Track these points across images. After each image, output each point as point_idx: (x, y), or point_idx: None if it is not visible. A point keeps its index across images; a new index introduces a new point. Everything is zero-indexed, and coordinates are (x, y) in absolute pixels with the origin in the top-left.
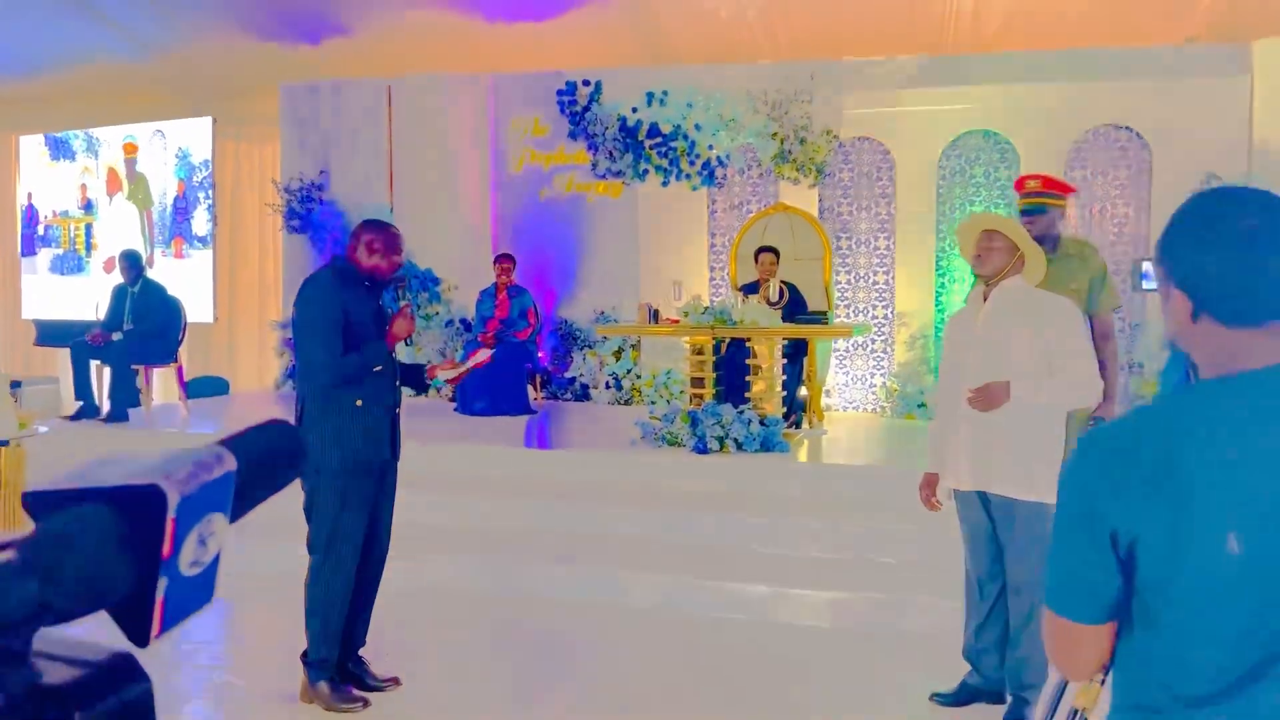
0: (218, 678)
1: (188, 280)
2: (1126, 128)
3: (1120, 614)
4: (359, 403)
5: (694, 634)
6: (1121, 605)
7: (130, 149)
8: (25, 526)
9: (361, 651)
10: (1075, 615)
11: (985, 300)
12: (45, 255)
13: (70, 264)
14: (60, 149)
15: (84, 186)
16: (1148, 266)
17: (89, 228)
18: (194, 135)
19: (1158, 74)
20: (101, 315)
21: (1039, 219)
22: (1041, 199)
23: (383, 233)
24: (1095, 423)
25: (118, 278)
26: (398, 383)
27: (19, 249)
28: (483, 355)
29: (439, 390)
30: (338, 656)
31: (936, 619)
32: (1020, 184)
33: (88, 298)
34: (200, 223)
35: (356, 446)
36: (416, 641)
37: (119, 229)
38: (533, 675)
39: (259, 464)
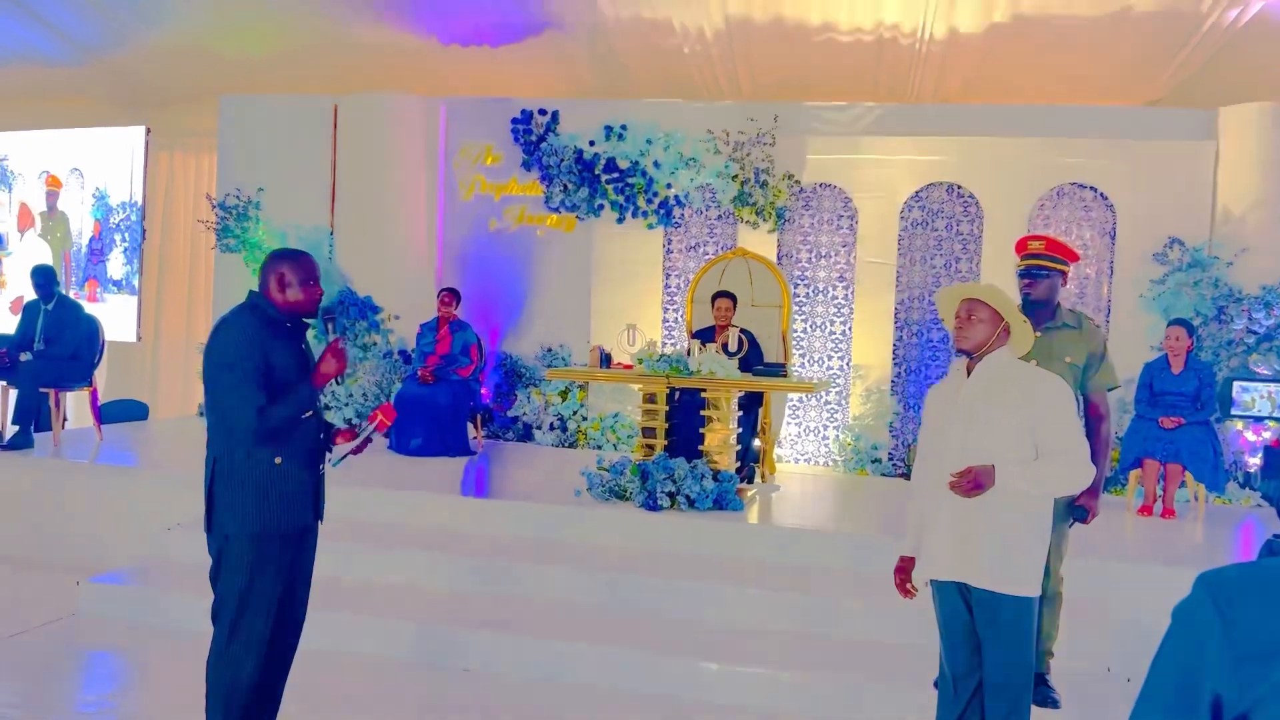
0: None
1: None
2: (1091, 187)
3: None
4: (278, 461)
5: (637, 716)
6: None
7: (54, 182)
8: None
9: None
10: None
11: (969, 374)
12: None
13: None
14: None
15: None
16: (1238, 389)
17: None
18: (113, 174)
19: (1123, 135)
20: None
21: (1039, 283)
22: (1043, 261)
23: (294, 262)
24: (1077, 510)
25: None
26: (322, 435)
27: None
28: (379, 417)
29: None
30: None
31: (902, 711)
32: (1022, 244)
33: None
34: (116, 266)
35: (274, 512)
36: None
37: (29, 267)
38: None
39: None
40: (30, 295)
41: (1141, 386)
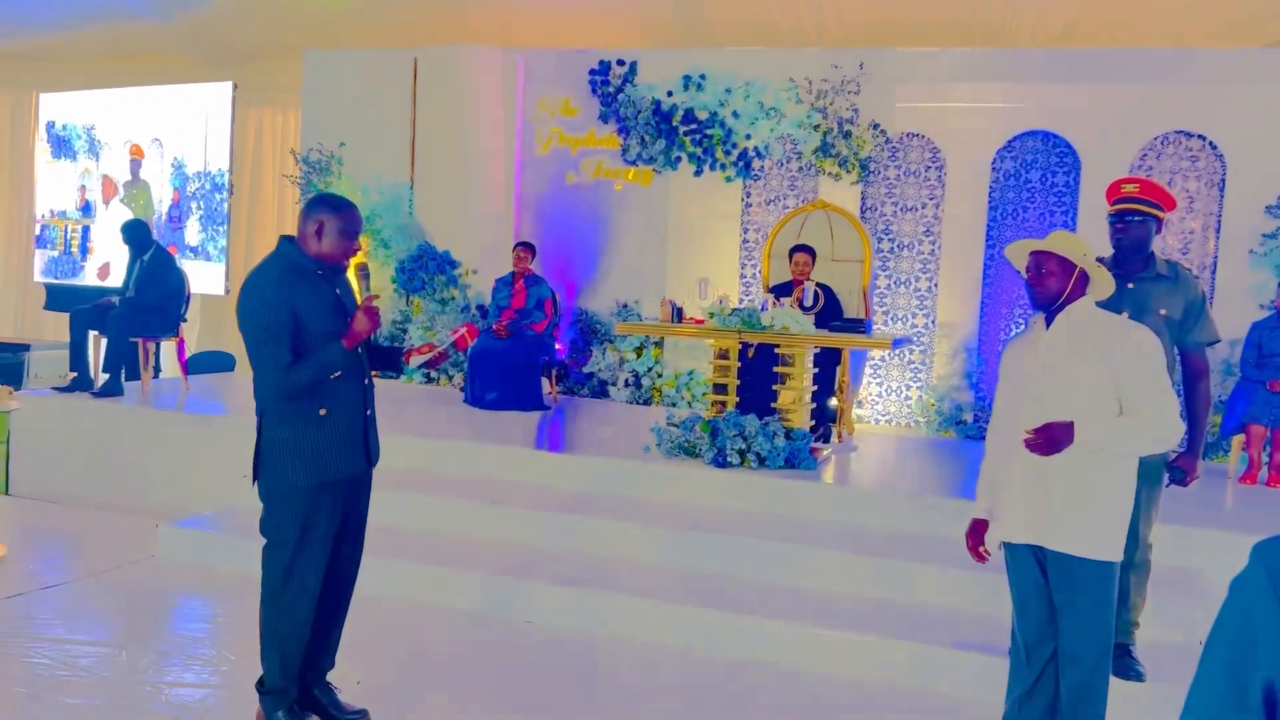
0: (189, 678)
1: None
2: (1200, 136)
3: None
4: (323, 411)
5: (701, 676)
6: None
7: (137, 151)
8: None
9: (330, 677)
10: None
11: (1048, 327)
12: (40, 257)
13: (65, 268)
14: (62, 147)
15: (83, 188)
16: None
17: (86, 230)
18: (191, 144)
19: (1237, 80)
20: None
21: (1132, 228)
22: (1137, 205)
23: (337, 213)
24: (1173, 472)
25: (113, 281)
26: (367, 381)
27: (35, 207)
28: (462, 331)
29: (421, 377)
30: (301, 683)
31: (973, 680)
32: (1116, 187)
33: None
34: (192, 233)
35: (322, 461)
36: (394, 667)
37: (114, 235)
38: (520, 713)
39: None
40: (116, 260)
41: (1249, 347)
